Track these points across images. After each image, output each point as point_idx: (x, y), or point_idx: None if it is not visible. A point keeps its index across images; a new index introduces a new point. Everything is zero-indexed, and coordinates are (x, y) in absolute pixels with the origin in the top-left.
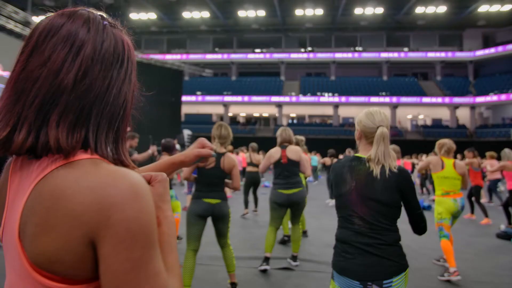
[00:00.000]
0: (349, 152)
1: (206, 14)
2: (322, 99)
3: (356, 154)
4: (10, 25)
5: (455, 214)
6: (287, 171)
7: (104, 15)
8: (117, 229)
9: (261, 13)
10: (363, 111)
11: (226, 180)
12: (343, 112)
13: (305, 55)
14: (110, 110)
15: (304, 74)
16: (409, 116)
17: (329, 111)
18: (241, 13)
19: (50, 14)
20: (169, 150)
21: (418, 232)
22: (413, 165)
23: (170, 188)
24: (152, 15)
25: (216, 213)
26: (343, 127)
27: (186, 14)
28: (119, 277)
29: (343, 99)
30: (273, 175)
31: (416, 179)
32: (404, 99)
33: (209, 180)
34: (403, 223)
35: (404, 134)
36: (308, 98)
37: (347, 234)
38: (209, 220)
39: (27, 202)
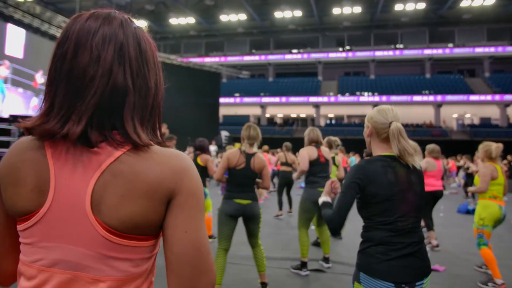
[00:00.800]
0: None
1: (243, 16)
2: (362, 98)
3: (384, 154)
4: (59, 33)
5: (497, 222)
6: (324, 171)
7: (131, 17)
8: (187, 187)
9: (298, 13)
10: (374, 108)
11: (257, 180)
12: None
13: (343, 54)
14: (158, 105)
15: (342, 74)
16: (455, 115)
17: (368, 110)
18: (278, 14)
19: (76, 15)
20: (203, 150)
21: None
22: (458, 168)
23: (204, 186)
24: (190, 20)
25: (247, 213)
26: None
27: (224, 17)
28: (188, 221)
29: (384, 98)
30: (308, 174)
31: (461, 180)
32: (449, 97)
33: (240, 181)
34: (442, 226)
35: (449, 134)
36: (347, 98)
37: (385, 235)
38: (241, 220)
39: (100, 180)
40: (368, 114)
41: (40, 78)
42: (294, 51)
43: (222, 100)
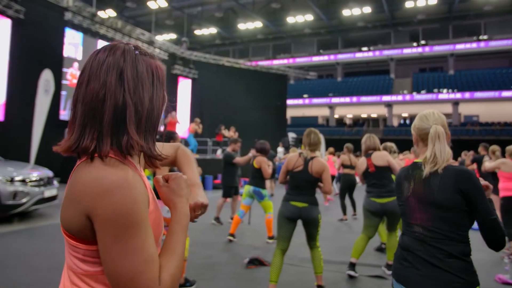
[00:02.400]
0: (465, 155)
1: (309, 17)
2: (441, 96)
3: (416, 160)
4: (138, 45)
5: None
6: (376, 180)
7: (138, 45)
8: (104, 211)
9: (367, 9)
10: (418, 115)
11: (319, 184)
12: (465, 109)
13: (419, 50)
14: (152, 120)
15: (416, 70)
16: None
17: (447, 109)
18: (346, 12)
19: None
20: (264, 152)
21: (494, 245)
22: None
23: (262, 187)
24: (258, 24)
25: (304, 216)
26: (465, 127)
27: (290, 19)
28: (104, 247)
29: (467, 95)
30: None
31: None
32: None
33: (297, 183)
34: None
35: None
36: (424, 96)
37: (408, 240)
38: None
39: (66, 187)
40: (413, 123)
41: None
42: (364, 49)
43: (289, 101)
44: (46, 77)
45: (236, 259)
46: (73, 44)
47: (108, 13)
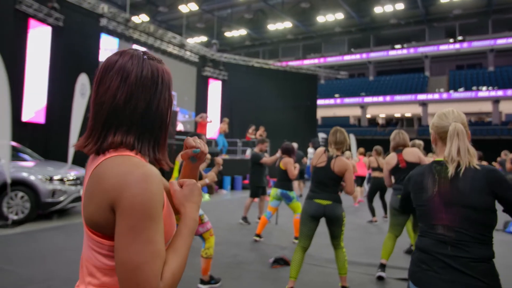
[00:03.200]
0: (505, 155)
1: (340, 15)
2: (481, 94)
3: (436, 159)
4: (170, 48)
5: None
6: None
7: (146, 51)
8: (125, 202)
9: (400, 6)
10: (436, 113)
11: (342, 183)
12: (506, 107)
13: (456, 46)
14: (151, 122)
15: (453, 67)
16: None
17: (487, 107)
18: (378, 10)
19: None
20: (289, 153)
21: None
22: None
23: (289, 189)
24: (287, 24)
25: (327, 214)
26: (506, 126)
27: (320, 19)
28: (120, 236)
29: (509, 92)
30: (394, 181)
31: None
32: None
33: (320, 180)
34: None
35: None
36: (462, 94)
37: (427, 243)
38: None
39: (88, 181)
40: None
41: None
42: (397, 46)
43: (320, 102)
44: (82, 81)
45: (262, 258)
46: (110, 49)
47: (142, 18)
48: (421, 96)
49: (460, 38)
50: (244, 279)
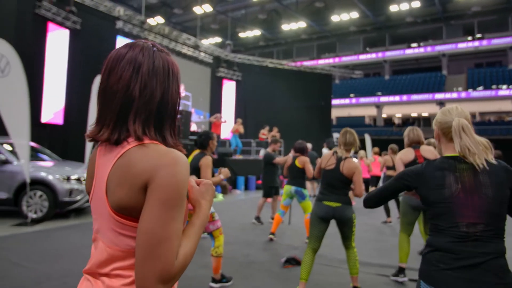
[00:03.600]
0: None
1: (355, 14)
2: (501, 92)
3: (446, 155)
4: (184, 49)
5: None
6: None
7: (155, 43)
8: (159, 180)
9: (416, 4)
10: (440, 110)
11: (351, 186)
12: None
13: (475, 43)
14: (166, 110)
15: (472, 66)
16: None
17: (507, 106)
18: (393, 8)
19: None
20: (302, 152)
21: None
22: None
23: (304, 187)
24: (302, 24)
25: (337, 216)
26: None
27: (335, 18)
28: (149, 209)
29: None
30: None
31: None
32: None
33: (329, 182)
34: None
35: None
36: (481, 93)
37: (446, 241)
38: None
39: (111, 170)
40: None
41: None
42: (414, 45)
43: (335, 101)
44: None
45: (274, 258)
46: None
47: (157, 20)
48: (439, 95)
49: (478, 35)
50: (255, 279)
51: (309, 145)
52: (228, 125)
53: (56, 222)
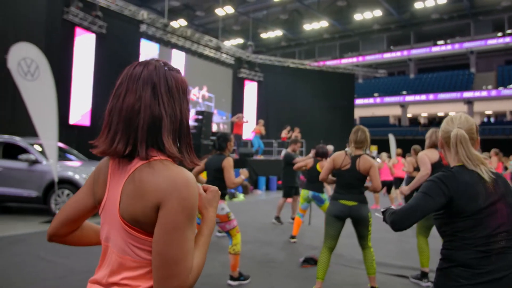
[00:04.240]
0: None
1: (378, 13)
2: None
3: (458, 164)
4: (206, 51)
5: None
6: None
7: (167, 62)
8: (174, 201)
9: (442, 0)
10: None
11: (366, 184)
12: None
13: (506, 39)
14: (184, 128)
15: (502, 63)
16: None
17: None
18: (418, 5)
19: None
20: (322, 155)
21: None
22: None
23: (323, 192)
24: (324, 23)
25: (353, 215)
26: None
27: (358, 17)
28: (163, 231)
29: None
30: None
31: None
32: None
33: (346, 182)
34: None
35: None
36: None
37: (472, 256)
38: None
39: (125, 184)
40: None
41: (197, 93)
42: (440, 42)
43: (358, 101)
44: None
45: (293, 258)
46: (150, 54)
47: (180, 23)
48: (467, 94)
49: (509, 31)
50: (273, 277)
51: (330, 148)
52: (250, 126)
53: None
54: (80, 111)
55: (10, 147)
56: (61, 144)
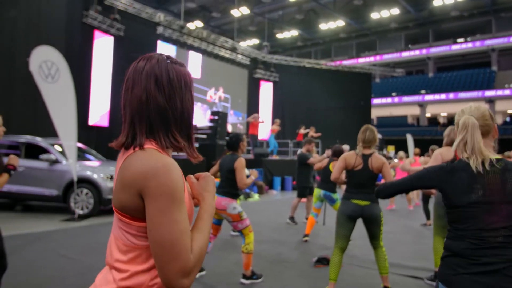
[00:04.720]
0: None
1: (395, 11)
2: None
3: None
4: (222, 52)
5: None
6: None
7: (170, 56)
8: (153, 189)
9: None
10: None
11: (377, 183)
12: None
13: None
14: (185, 120)
15: None
16: None
17: None
18: (437, 2)
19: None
20: (338, 155)
21: None
22: None
23: (335, 192)
24: (340, 23)
25: (365, 215)
26: None
27: (374, 15)
28: (151, 219)
29: None
30: None
31: None
32: None
33: (358, 181)
34: None
35: None
36: None
37: (466, 246)
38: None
39: (118, 173)
40: None
41: (213, 94)
42: (460, 40)
43: (376, 101)
44: None
45: (306, 257)
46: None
47: (196, 24)
48: (489, 93)
49: None
50: (286, 277)
51: (346, 147)
52: (265, 126)
53: (100, 218)
54: (99, 112)
55: (32, 147)
56: (80, 145)
